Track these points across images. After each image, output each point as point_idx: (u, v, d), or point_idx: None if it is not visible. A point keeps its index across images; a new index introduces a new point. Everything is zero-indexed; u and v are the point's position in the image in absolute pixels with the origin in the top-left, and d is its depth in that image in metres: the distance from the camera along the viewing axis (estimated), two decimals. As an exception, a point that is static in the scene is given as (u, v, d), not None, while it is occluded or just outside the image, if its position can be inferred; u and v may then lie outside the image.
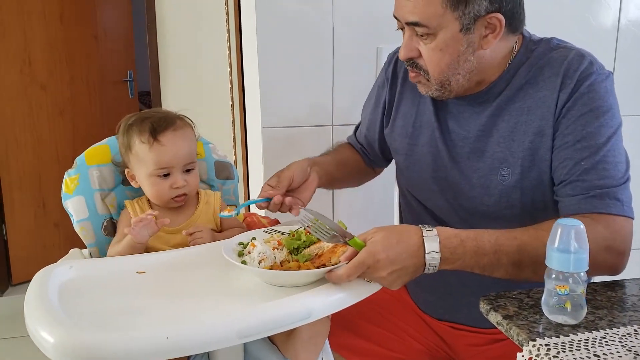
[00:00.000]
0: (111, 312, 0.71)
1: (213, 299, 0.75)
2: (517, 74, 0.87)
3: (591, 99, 0.80)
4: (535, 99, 0.84)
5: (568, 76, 0.82)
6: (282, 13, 1.37)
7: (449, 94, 0.88)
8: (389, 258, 0.71)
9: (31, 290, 0.73)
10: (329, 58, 1.42)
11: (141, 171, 0.96)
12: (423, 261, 0.73)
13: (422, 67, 0.86)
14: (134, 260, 0.87)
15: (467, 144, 0.90)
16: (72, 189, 1.00)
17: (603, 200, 0.77)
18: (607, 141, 0.79)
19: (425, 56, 0.84)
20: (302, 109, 1.43)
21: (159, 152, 0.93)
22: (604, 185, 0.78)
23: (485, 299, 0.71)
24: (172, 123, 0.96)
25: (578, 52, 0.84)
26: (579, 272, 0.62)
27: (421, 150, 0.96)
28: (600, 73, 0.82)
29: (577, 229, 0.63)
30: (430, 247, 0.73)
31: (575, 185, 0.79)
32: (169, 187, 0.95)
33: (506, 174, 0.85)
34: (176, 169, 0.95)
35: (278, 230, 0.92)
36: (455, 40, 0.81)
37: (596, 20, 1.57)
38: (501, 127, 0.87)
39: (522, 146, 0.84)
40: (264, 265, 0.77)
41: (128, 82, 3.01)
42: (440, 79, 0.85)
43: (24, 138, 2.54)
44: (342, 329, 1.00)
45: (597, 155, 0.79)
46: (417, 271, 0.74)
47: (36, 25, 2.53)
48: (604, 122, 0.80)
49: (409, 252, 0.72)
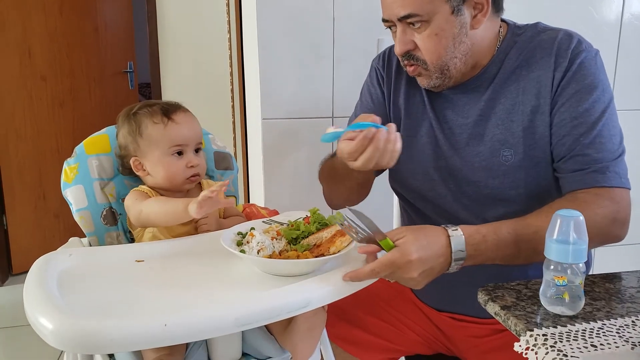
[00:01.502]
0: (110, 299, 0.71)
1: (211, 287, 0.75)
2: (508, 57, 0.89)
3: (583, 76, 0.83)
4: (529, 80, 0.87)
5: (560, 55, 0.85)
6: (283, 4, 1.36)
7: (449, 81, 0.89)
8: (421, 259, 0.72)
9: (30, 277, 0.73)
10: (329, 49, 1.41)
11: (154, 154, 0.96)
12: (449, 260, 0.75)
13: (420, 58, 0.87)
14: (133, 249, 0.87)
15: (465, 130, 0.92)
16: (72, 178, 1.00)
17: (604, 174, 0.80)
18: (602, 116, 0.82)
19: (422, 45, 0.85)
20: (302, 101, 1.42)
21: (175, 129, 0.96)
22: (602, 159, 0.81)
23: (483, 290, 0.71)
24: (178, 106, 1.00)
25: (566, 32, 0.87)
26: (578, 263, 0.62)
27: (419, 141, 0.96)
28: (590, 50, 0.86)
29: (577, 220, 0.62)
30: (456, 246, 0.74)
31: (575, 160, 0.82)
32: (184, 166, 0.96)
33: (508, 154, 0.87)
34: (190, 148, 0.97)
35: (276, 221, 0.92)
36: (448, 23, 0.83)
37: (599, 14, 1.56)
38: (498, 110, 0.89)
39: (522, 125, 0.86)
40: (262, 255, 0.77)
41: (128, 74, 3.00)
42: (440, 65, 0.86)
43: (24, 129, 2.54)
44: (340, 319, 1.01)
45: (593, 130, 0.82)
46: (442, 270, 0.76)
47: (36, 16, 2.52)
48: (597, 98, 0.83)
49: (438, 253, 0.74)
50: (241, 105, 2.05)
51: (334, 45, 1.41)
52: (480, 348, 0.97)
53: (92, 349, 0.62)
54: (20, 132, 2.53)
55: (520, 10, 1.51)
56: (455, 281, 0.96)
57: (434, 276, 0.76)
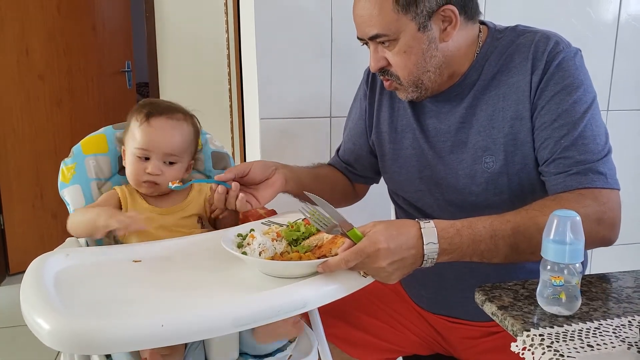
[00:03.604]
0: (107, 300, 0.71)
1: (209, 287, 0.75)
2: (487, 63, 0.89)
3: (561, 77, 0.82)
4: (508, 85, 0.86)
5: (537, 58, 0.84)
6: (281, 4, 1.36)
7: (426, 92, 0.90)
8: (390, 248, 0.71)
9: (27, 277, 0.73)
10: (328, 49, 1.41)
11: (128, 149, 0.97)
12: (422, 252, 0.73)
13: (393, 73, 0.89)
14: (130, 249, 0.87)
15: (448, 138, 0.92)
16: (69, 178, 1.00)
17: (587, 176, 0.78)
18: (583, 116, 0.81)
19: (393, 62, 0.87)
20: (300, 101, 1.42)
21: (144, 133, 0.95)
22: (585, 160, 0.79)
23: (480, 290, 0.72)
24: (171, 112, 0.97)
25: (543, 34, 0.86)
26: (574, 264, 0.63)
27: (405, 153, 0.98)
28: (568, 51, 0.84)
29: (573, 220, 0.63)
30: (428, 239, 0.73)
31: (558, 163, 0.81)
32: (143, 170, 0.95)
33: (490, 161, 0.87)
34: (156, 155, 0.95)
35: (275, 222, 0.92)
36: (416, 40, 0.84)
37: (597, 14, 1.57)
38: (480, 117, 0.89)
39: (503, 132, 0.86)
40: (264, 257, 0.77)
41: (126, 73, 3.00)
42: (412, 80, 0.88)
43: (22, 128, 2.54)
44: (337, 319, 1.01)
45: (575, 132, 0.80)
46: (415, 263, 0.74)
47: (34, 15, 2.51)
48: (577, 98, 0.81)
49: (409, 244, 0.72)
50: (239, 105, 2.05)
51: (332, 45, 1.41)
52: (476, 349, 0.98)
53: (89, 349, 0.62)
54: (18, 131, 2.53)
55: (517, 10, 1.52)
56: (448, 286, 0.96)
57: (407, 269, 0.74)
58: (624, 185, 0.82)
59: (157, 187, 0.97)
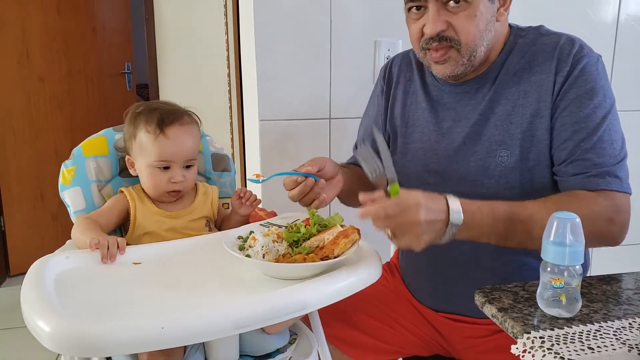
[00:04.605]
0: (107, 302, 0.71)
1: (209, 289, 0.75)
2: (509, 59, 0.91)
3: (585, 81, 0.84)
4: (530, 83, 0.88)
5: (562, 60, 0.86)
6: (280, 5, 1.36)
7: (471, 69, 0.90)
8: (428, 205, 0.73)
9: (28, 280, 0.73)
10: (327, 51, 1.41)
11: (142, 160, 0.96)
12: (448, 220, 0.74)
13: (454, 38, 0.86)
14: (131, 251, 0.87)
15: (463, 129, 0.93)
16: (69, 180, 1.00)
17: (604, 179, 0.81)
18: (603, 121, 0.83)
19: (460, 25, 0.86)
20: (300, 102, 1.43)
21: (163, 144, 0.93)
22: (603, 164, 0.82)
23: (480, 292, 0.72)
24: (180, 117, 0.96)
25: (568, 37, 0.89)
26: (574, 265, 0.63)
27: (414, 147, 0.99)
28: (592, 56, 0.87)
29: (573, 222, 0.63)
30: (454, 209, 0.75)
31: (577, 164, 0.83)
32: (167, 180, 0.95)
33: (505, 155, 0.88)
34: (177, 164, 0.95)
35: (274, 223, 0.92)
36: (485, 8, 0.86)
37: (596, 15, 1.57)
38: (498, 111, 0.90)
39: (521, 128, 0.87)
40: (268, 259, 0.77)
41: (126, 75, 3.00)
42: (471, 48, 0.87)
43: (22, 130, 2.54)
44: (337, 320, 1.01)
45: (594, 136, 0.83)
46: (441, 230, 0.75)
47: (34, 17, 2.51)
48: (598, 103, 0.84)
49: (441, 208, 0.75)
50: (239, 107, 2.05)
51: (331, 47, 1.42)
52: (477, 349, 0.97)
53: (89, 352, 0.62)
54: (18, 133, 2.53)
55: (518, 11, 1.51)
56: (452, 280, 0.96)
57: (435, 235, 0.74)
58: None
59: (180, 193, 0.98)
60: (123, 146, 1.02)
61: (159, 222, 0.94)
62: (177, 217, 0.98)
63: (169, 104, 1.00)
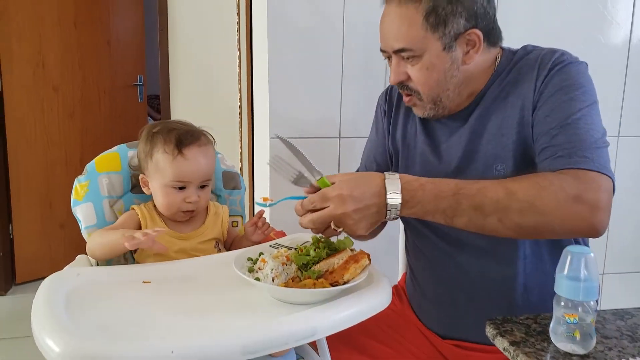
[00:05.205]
0: (117, 322, 0.71)
1: (218, 312, 0.75)
2: (498, 80, 0.92)
3: (562, 79, 0.84)
4: (516, 95, 0.89)
5: (542, 67, 0.86)
6: (293, 24, 1.38)
7: (443, 111, 0.92)
8: (353, 195, 0.75)
9: (39, 297, 0.73)
10: (338, 70, 1.43)
11: (157, 180, 0.96)
12: (385, 202, 0.76)
13: (413, 88, 0.90)
14: (141, 269, 0.87)
15: (459, 149, 0.93)
16: (82, 195, 1.01)
17: (571, 158, 0.77)
18: (577, 112, 0.81)
19: (414, 77, 0.89)
20: (310, 121, 1.43)
21: (181, 165, 0.94)
22: (572, 146, 0.78)
23: (491, 323, 0.71)
24: (197, 138, 0.97)
25: (550, 49, 0.90)
26: (589, 301, 0.62)
27: (415, 169, 0.99)
28: (574, 60, 0.87)
29: (587, 257, 0.62)
30: (391, 189, 0.76)
31: (546, 150, 0.81)
32: (181, 200, 0.96)
33: (501, 168, 0.88)
34: (192, 184, 0.96)
35: (284, 245, 0.92)
36: (439, 58, 0.86)
37: (607, 40, 1.57)
38: (489, 126, 0.90)
39: (511, 138, 0.88)
40: (278, 283, 0.77)
41: (138, 87, 3.04)
42: (432, 96, 0.89)
43: (34, 139, 2.57)
44: (344, 345, 1.00)
45: (565, 122, 0.80)
46: (379, 212, 0.77)
47: (51, 30, 2.57)
48: (574, 97, 0.82)
49: (372, 192, 0.76)
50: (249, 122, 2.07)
51: (342, 66, 1.43)
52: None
53: (98, 373, 0.62)
54: (30, 141, 2.56)
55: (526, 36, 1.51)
56: (458, 306, 0.95)
57: (372, 219, 0.77)
58: (637, 211, 0.81)
59: (194, 212, 0.98)
60: (137, 164, 1.02)
61: (169, 242, 0.94)
62: (187, 238, 0.98)
63: (186, 123, 1.01)
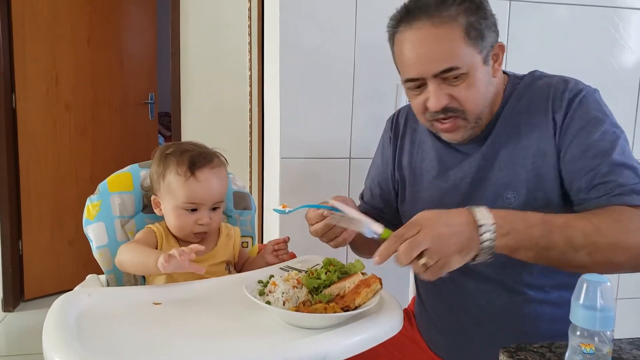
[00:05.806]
0: (127, 344, 0.71)
1: (229, 335, 0.75)
2: (507, 105, 0.91)
3: (585, 112, 0.84)
4: (529, 125, 0.88)
5: (557, 97, 0.86)
6: (305, 46, 1.40)
7: (478, 131, 0.91)
8: (442, 220, 0.71)
9: (50, 318, 0.74)
10: (349, 92, 1.44)
11: (169, 202, 0.97)
12: (475, 227, 0.71)
13: (458, 109, 0.86)
14: (151, 290, 0.87)
15: (469, 175, 0.93)
16: (94, 214, 1.02)
17: (630, 196, 0.78)
18: (614, 145, 0.82)
19: (461, 96, 0.85)
20: (321, 141, 1.44)
21: (193, 187, 0.94)
22: (625, 183, 0.79)
23: (505, 351, 0.69)
24: (210, 160, 0.98)
25: (561, 78, 0.89)
26: (606, 331, 0.61)
27: (423, 196, 0.99)
28: (588, 89, 0.86)
29: (604, 286, 0.61)
30: (479, 211, 0.72)
31: (599, 188, 0.80)
32: (193, 222, 0.96)
33: (511, 197, 0.88)
34: (205, 206, 0.96)
35: (294, 268, 0.92)
36: (482, 73, 0.86)
37: (618, 64, 1.57)
38: (501, 155, 0.90)
39: (525, 168, 0.87)
40: (289, 307, 0.77)
41: (149, 104, 3.08)
42: (477, 113, 0.88)
43: (45, 156, 2.60)
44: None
45: (609, 159, 0.81)
46: (472, 240, 0.71)
47: (65, 48, 2.62)
48: (605, 129, 0.83)
49: (460, 220, 0.72)
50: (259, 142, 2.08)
51: (353, 88, 1.44)
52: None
53: (108, 398, 0.62)
54: (42, 158, 2.59)
55: (537, 59, 1.53)
56: (467, 332, 0.94)
57: (468, 246, 0.70)
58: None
59: (206, 234, 0.99)
60: (149, 185, 1.03)
61: None
62: (199, 261, 0.97)
63: (199, 145, 1.02)
